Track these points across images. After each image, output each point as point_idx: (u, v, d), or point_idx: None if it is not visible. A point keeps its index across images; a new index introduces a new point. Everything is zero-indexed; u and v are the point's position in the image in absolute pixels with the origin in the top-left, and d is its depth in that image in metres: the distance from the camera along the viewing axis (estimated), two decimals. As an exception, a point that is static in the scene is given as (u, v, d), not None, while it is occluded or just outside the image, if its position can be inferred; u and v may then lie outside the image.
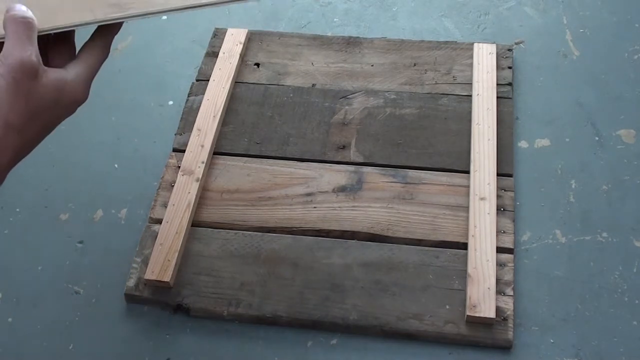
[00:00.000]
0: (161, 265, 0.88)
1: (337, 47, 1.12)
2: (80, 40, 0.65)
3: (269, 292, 0.86)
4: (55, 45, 0.55)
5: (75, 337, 0.86)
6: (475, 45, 1.08)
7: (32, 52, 0.47)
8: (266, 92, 1.07)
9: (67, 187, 1.02)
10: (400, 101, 1.04)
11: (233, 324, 0.85)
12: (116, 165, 1.04)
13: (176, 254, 0.88)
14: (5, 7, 0.48)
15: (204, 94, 1.06)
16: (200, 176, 0.95)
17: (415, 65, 1.08)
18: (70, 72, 0.51)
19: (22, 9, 0.48)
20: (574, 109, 1.04)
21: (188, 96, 1.08)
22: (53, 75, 0.49)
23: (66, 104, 0.51)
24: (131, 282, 0.88)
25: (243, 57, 1.12)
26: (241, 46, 1.12)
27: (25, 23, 0.48)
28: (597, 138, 1.00)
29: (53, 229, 0.97)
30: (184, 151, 1.00)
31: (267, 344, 0.84)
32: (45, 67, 0.49)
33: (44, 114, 0.49)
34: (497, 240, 0.88)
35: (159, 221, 0.93)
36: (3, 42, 0.48)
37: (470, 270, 0.84)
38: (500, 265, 0.86)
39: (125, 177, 1.02)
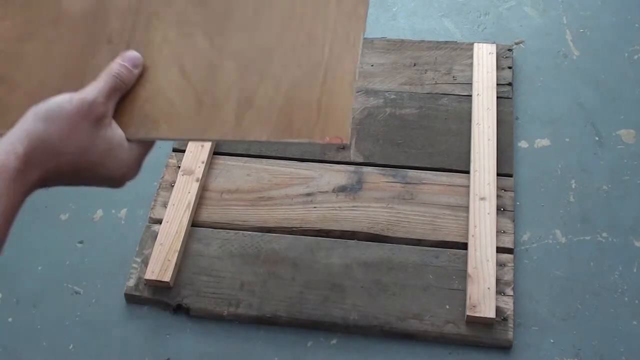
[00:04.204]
0: (161, 265, 0.88)
1: (337, 47, 1.12)
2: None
3: (269, 292, 0.86)
4: None
5: (75, 337, 0.86)
6: (475, 45, 1.08)
7: (107, 102, 0.50)
8: (266, 92, 1.07)
9: (67, 187, 1.02)
10: (400, 101, 1.04)
11: (233, 324, 0.85)
12: (116, 165, 1.04)
13: (176, 254, 0.88)
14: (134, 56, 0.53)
15: (203, 93, 1.06)
16: (200, 176, 0.95)
17: (415, 65, 1.08)
18: (131, 144, 0.52)
19: (129, 62, 0.52)
20: (574, 109, 1.04)
21: (188, 96, 1.08)
22: (115, 134, 0.51)
23: (110, 166, 0.51)
24: (131, 282, 0.88)
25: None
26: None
27: (119, 76, 0.51)
28: (597, 138, 1.00)
29: (53, 229, 0.97)
30: (184, 151, 1.00)
31: (267, 344, 0.84)
32: (113, 123, 0.51)
33: (87, 159, 0.49)
34: (497, 240, 0.88)
35: (159, 221, 0.93)
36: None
37: (470, 270, 0.84)
38: (500, 265, 0.86)
39: (125, 177, 1.02)
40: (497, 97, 1.01)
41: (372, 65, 1.09)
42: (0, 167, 0.44)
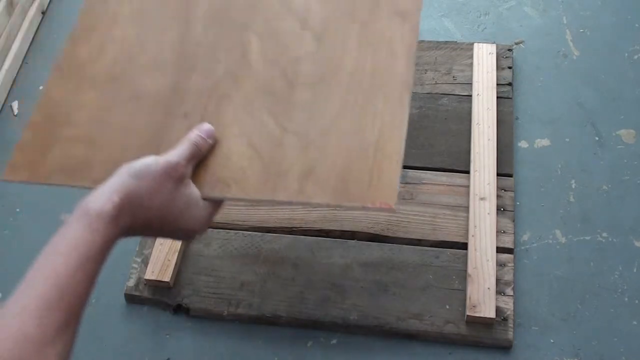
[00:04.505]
0: (161, 265, 0.88)
1: (337, 47, 1.12)
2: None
3: (269, 292, 0.86)
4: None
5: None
6: (475, 45, 1.08)
7: (187, 165, 0.58)
8: (266, 92, 1.07)
9: (67, 187, 1.02)
10: (400, 101, 1.03)
11: (233, 324, 0.85)
12: (116, 165, 1.04)
13: (176, 254, 0.88)
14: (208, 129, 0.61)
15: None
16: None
17: (415, 65, 1.08)
18: (205, 202, 0.60)
19: (204, 133, 0.60)
20: (574, 109, 1.04)
21: (188, 96, 1.08)
22: (193, 192, 0.59)
23: (187, 220, 0.58)
24: (131, 282, 0.88)
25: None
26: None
27: (197, 144, 0.59)
28: (597, 138, 1.00)
29: (53, 229, 0.97)
30: (184, 151, 0.99)
31: (267, 344, 0.84)
32: (191, 183, 0.59)
33: (169, 212, 0.57)
34: (497, 240, 0.88)
35: (159, 221, 0.92)
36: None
37: (470, 270, 0.84)
38: (500, 265, 0.86)
39: (125, 177, 1.02)
40: (497, 97, 1.01)
41: (372, 65, 1.08)
42: (100, 210, 0.52)
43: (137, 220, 0.55)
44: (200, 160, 0.61)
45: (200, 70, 0.66)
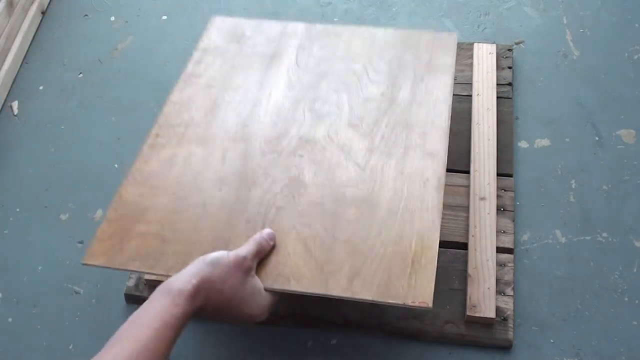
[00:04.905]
0: (161, 265, 0.88)
1: (337, 47, 1.12)
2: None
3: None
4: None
5: (75, 337, 0.86)
6: (475, 45, 1.08)
7: (253, 260, 0.69)
8: (266, 92, 1.07)
9: (67, 187, 1.02)
10: (400, 101, 1.04)
11: (233, 323, 0.85)
12: (116, 165, 1.04)
13: (176, 254, 0.88)
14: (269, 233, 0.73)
15: (204, 94, 1.06)
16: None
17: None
18: (267, 293, 0.70)
19: (267, 236, 0.72)
20: (574, 109, 1.04)
21: (188, 96, 1.08)
22: (257, 283, 0.69)
23: (251, 306, 0.68)
24: (131, 282, 0.88)
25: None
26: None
27: (261, 244, 0.71)
28: (597, 138, 1.00)
29: (53, 229, 0.97)
30: (184, 151, 1.00)
31: (267, 344, 0.84)
32: (255, 276, 0.70)
33: (236, 297, 0.67)
34: (497, 240, 0.88)
35: (159, 221, 0.92)
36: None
37: (470, 270, 0.84)
38: (500, 265, 0.86)
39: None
40: (497, 97, 1.02)
41: (372, 65, 1.08)
42: (182, 289, 0.63)
43: (210, 301, 0.65)
44: (263, 257, 0.71)
45: (259, 185, 0.78)
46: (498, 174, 0.94)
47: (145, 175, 0.80)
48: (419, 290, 0.68)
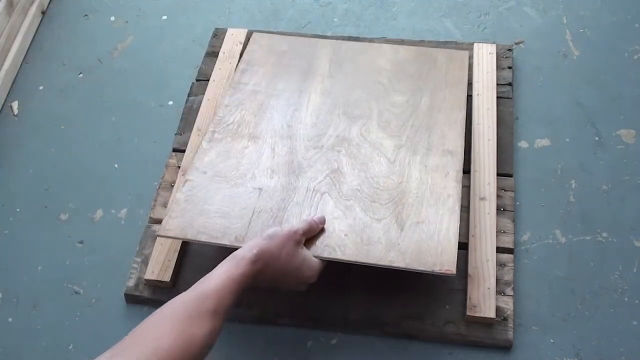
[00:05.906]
0: (161, 265, 0.88)
1: (337, 47, 1.13)
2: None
3: (270, 291, 0.86)
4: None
5: (75, 337, 0.86)
6: (475, 45, 1.08)
7: (302, 235, 0.80)
8: (266, 93, 1.08)
9: (67, 187, 1.02)
10: (401, 101, 1.04)
11: (233, 323, 0.85)
12: (116, 165, 1.04)
13: (176, 254, 0.88)
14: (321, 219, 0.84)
15: (204, 94, 1.07)
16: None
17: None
18: (316, 260, 0.81)
19: (318, 219, 0.83)
20: (574, 109, 1.04)
21: (188, 96, 1.08)
22: (307, 252, 0.80)
23: (303, 271, 0.79)
24: (131, 282, 0.88)
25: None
26: (241, 46, 1.12)
27: (311, 225, 0.81)
28: (597, 138, 1.00)
29: (53, 229, 0.97)
30: (184, 151, 1.00)
31: (267, 344, 0.84)
32: (305, 248, 0.81)
33: (290, 264, 0.78)
34: (497, 240, 0.88)
35: (159, 221, 0.92)
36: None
37: (470, 270, 0.84)
38: (500, 265, 0.86)
39: (125, 177, 1.02)
40: (497, 97, 1.02)
41: (372, 65, 1.09)
42: (244, 256, 0.74)
43: (268, 267, 0.76)
44: (312, 235, 0.82)
45: (305, 174, 0.89)
46: (498, 174, 0.94)
47: (205, 164, 0.90)
48: (444, 260, 0.78)
